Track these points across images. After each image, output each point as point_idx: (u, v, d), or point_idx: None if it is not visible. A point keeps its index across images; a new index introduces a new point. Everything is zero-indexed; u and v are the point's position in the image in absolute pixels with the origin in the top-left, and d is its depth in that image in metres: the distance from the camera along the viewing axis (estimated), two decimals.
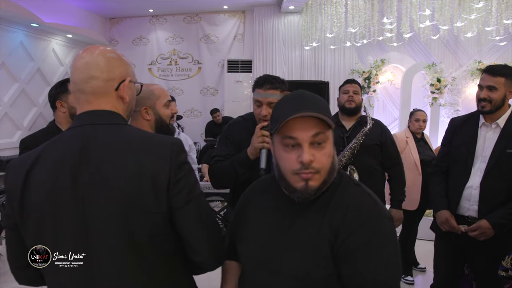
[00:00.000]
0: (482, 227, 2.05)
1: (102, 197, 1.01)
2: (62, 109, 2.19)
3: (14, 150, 6.00)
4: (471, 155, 2.17)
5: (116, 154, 1.03)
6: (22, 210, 1.04)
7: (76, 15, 7.06)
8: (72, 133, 1.07)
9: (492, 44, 6.23)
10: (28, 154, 1.09)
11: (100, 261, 1.03)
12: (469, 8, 5.45)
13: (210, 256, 1.10)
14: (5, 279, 3.64)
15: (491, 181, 2.08)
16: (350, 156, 2.59)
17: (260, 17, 7.28)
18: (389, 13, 5.76)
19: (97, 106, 1.09)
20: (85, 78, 1.07)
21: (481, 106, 2.13)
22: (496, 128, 2.15)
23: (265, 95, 1.94)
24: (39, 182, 1.03)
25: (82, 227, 1.01)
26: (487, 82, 2.11)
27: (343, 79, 6.98)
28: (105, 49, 1.13)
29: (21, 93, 6.36)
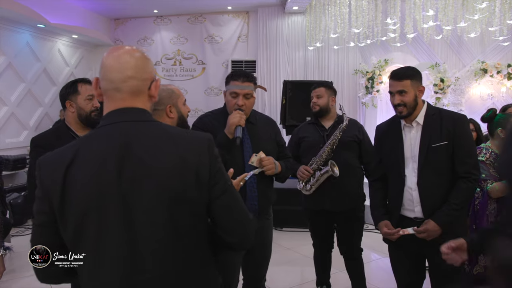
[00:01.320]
0: (429, 229, 2.08)
1: (147, 190, 1.07)
2: (71, 109, 2.24)
3: (20, 150, 6.07)
4: (402, 158, 2.21)
5: (158, 148, 1.10)
6: (63, 206, 1.06)
7: (81, 16, 7.12)
8: (111, 129, 1.11)
9: (496, 44, 6.23)
10: (61, 151, 1.12)
11: (144, 252, 1.07)
12: (472, 8, 5.46)
13: (243, 238, 1.23)
14: (14, 276, 3.69)
15: (426, 178, 2.13)
16: (329, 152, 2.80)
17: (264, 17, 7.32)
18: (393, 13, 5.78)
19: (131, 104, 1.14)
20: (123, 77, 1.12)
21: (398, 112, 2.18)
22: (417, 126, 2.20)
23: (242, 87, 2.16)
24: (82, 177, 1.06)
25: (127, 220, 1.06)
26: (396, 87, 2.17)
27: (347, 79, 7.12)
28: (136, 49, 1.19)
29: (28, 93, 6.43)
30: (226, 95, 2.25)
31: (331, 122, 2.93)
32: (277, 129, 2.47)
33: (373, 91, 6.48)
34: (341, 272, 3.14)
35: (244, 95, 2.17)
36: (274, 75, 7.24)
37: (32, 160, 2.22)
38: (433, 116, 2.18)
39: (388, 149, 2.30)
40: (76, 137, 2.25)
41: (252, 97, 2.23)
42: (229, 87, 2.22)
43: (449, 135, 2.12)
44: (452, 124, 2.14)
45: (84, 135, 1.16)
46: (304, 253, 4.08)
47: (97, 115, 2.27)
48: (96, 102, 2.26)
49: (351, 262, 2.98)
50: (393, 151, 2.25)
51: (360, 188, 2.93)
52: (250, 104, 2.22)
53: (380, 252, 4.23)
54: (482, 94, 6.28)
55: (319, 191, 2.83)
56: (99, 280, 1.08)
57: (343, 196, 2.82)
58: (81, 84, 2.23)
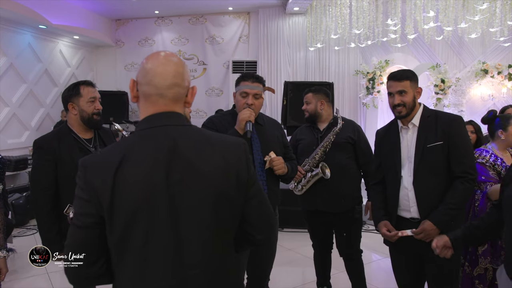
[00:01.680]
0: (426, 229, 2.09)
1: (194, 190, 1.12)
2: (74, 111, 2.25)
3: (22, 150, 6.09)
4: (398, 159, 2.24)
5: (202, 151, 1.16)
6: (112, 207, 1.07)
7: (82, 16, 7.14)
8: (158, 132, 1.15)
9: (496, 45, 6.23)
10: (107, 152, 1.16)
11: (189, 250, 1.11)
12: (473, 9, 5.47)
13: (271, 234, 1.32)
14: (16, 276, 3.71)
15: (421, 179, 2.15)
16: (322, 154, 2.85)
17: (264, 18, 7.33)
18: (393, 14, 5.79)
19: (171, 109, 1.18)
20: (169, 85, 1.17)
21: (397, 112, 2.21)
22: (413, 127, 2.23)
23: (252, 87, 2.27)
24: (133, 178, 1.08)
25: (174, 219, 1.10)
26: (396, 87, 2.20)
27: (348, 80, 7.13)
28: (177, 56, 1.24)
29: (29, 94, 6.45)
30: (236, 95, 2.33)
31: (326, 124, 2.96)
32: (282, 131, 2.54)
33: (374, 91, 6.48)
34: (342, 272, 3.15)
35: (254, 95, 2.27)
36: (275, 75, 7.25)
37: (34, 162, 2.24)
38: (429, 118, 2.21)
39: (386, 151, 2.34)
40: (78, 139, 2.26)
41: (261, 97, 2.32)
42: (239, 87, 2.31)
43: (444, 136, 2.13)
44: (447, 124, 2.16)
45: (130, 137, 1.19)
46: (305, 253, 4.09)
47: (99, 117, 2.29)
48: (98, 105, 2.27)
49: (350, 263, 2.99)
50: (391, 152, 2.28)
51: (355, 190, 2.93)
52: (259, 104, 2.31)
53: (381, 253, 4.23)
54: (483, 94, 6.28)
55: (311, 192, 2.88)
56: (144, 280, 1.10)
57: (335, 197, 2.83)
58: (83, 86, 2.24)
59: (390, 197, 2.30)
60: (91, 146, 2.29)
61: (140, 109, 1.21)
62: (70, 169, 2.16)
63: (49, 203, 2.15)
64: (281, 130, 2.53)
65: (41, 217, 2.17)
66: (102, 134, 2.39)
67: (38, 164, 2.19)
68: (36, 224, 2.26)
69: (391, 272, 2.44)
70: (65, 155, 2.17)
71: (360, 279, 2.97)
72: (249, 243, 1.31)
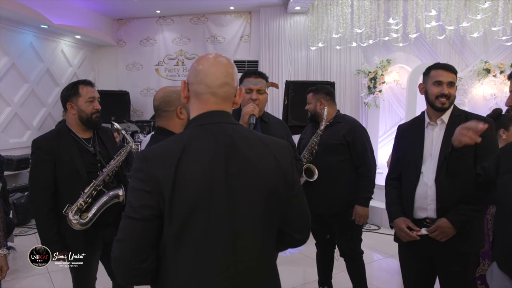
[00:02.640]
0: (442, 226, 2.01)
1: (250, 186, 1.17)
2: (72, 111, 2.24)
3: (23, 150, 6.10)
4: (420, 155, 2.16)
5: (257, 149, 1.22)
6: (173, 199, 1.10)
7: (84, 16, 7.15)
8: (215, 128, 1.20)
9: (499, 44, 6.21)
10: (168, 146, 1.18)
11: (243, 243, 1.16)
12: (475, 8, 5.45)
13: (308, 234, 1.36)
14: (17, 276, 3.72)
15: (445, 177, 2.06)
16: (309, 156, 2.85)
17: (266, 17, 7.32)
18: (395, 13, 5.78)
19: (222, 108, 1.24)
20: (221, 84, 1.23)
21: (441, 103, 2.12)
22: (441, 124, 2.17)
23: (255, 82, 2.31)
24: (194, 172, 1.12)
25: (230, 213, 1.14)
26: (448, 78, 2.13)
27: (349, 80, 7.12)
28: (226, 58, 1.29)
29: (31, 93, 6.46)
30: None
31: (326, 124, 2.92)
32: (288, 131, 2.53)
33: (376, 91, 6.47)
34: (343, 272, 3.13)
35: (257, 91, 2.30)
36: (277, 75, 7.24)
37: (33, 162, 2.23)
38: (459, 117, 2.14)
39: (407, 146, 2.26)
40: (77, 138, 2.25)
41: (265, 92, 2.35)
42: (243, 84, 2.33)
43: None
44: None
45: (189, 131, 1.21)
46: (307, 253, 4.09)
47: (98, 117, 2.28)
48: (97, 104, 2.26)
49: (351, 264, 2.97)
50: (412, 147, 2.21)
51: (349, 192, 2.82)
52: (263, 99, 2.34)
53: (382, 253, 4.23)
54: (485, 94, 6.26)
55: (306, 193, 2.86)
56: (200, 272, 1.13)
57: (325, 199, 2.81)
58: (82, 86, 2.23)
59: (406, 193, 2.22)
60: (90, 145, 2.28)
61: (190, 108, 1.27)
62: (69, 169, 2.16)
63: (48, 203, 2.14)
64: (286, 130, 2.52)
65: (40, 217, 2.16)
66: (101, 134, 2.38)
67: (37, 164, 2.18)
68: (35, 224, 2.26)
69: (392, 272, 2.42)
70: (64, 155, 2.17)
71: (360, 280, 2.96)
72: (286, 243, 1.35)
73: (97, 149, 2.29)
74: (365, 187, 2.81)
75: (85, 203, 2.12)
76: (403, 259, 2.33)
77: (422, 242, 2.10)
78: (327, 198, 2.81)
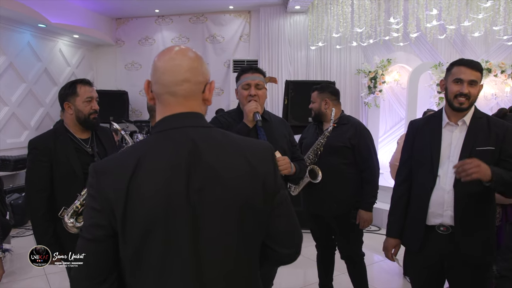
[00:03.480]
0: (480, 164, 1.77)
1: (216, 201, 1.01)
2: (69, 111, 2.20)
3: (21, 150, 6.05)
4: (436, 158, 2.02)
5: (227, 156, 1.04)
6: (125, 218, 0.97)
7: (82, 15, 7.10)
8: (175, 134, 1.04)
9: (500, 44, 6.18)
10: (121, 158, 1.05)
11: (210, 264, 1.01)
12: (476, 7, 5.42)
13: (296, 249, 1.16)
14: (14, 278, 3.67)
15: (464, 183, 1.86)
16: (313, 157, 2.78)
17: (265, 17, 7.28)
18: (396, 13, 5.74)
19: (189, 109, 1.08)
20: (179, 81, 1.06)
21: (459, 103, 1.97)
22: (462, 125, 2.02)
23: (253, 77, 2.23)
24: (149, 187, 0.98)
25: (195, 232, 0.99)
26: (469, 76, 1.96)
27: (349, 79, 7.09)
28: (191, 49, 1.12)
29: (29, 93, 6.41)
30: (239, 90, 2.28)
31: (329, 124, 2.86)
32: (290, 130, 2.46)
33: (376, 91, 6.44)
34: (344, 274, 3.10)
35: (256, 86, 2.22)
36: (276, 74, 7.20)
37: (29, 163, 2.18)
38: (481, 119, 2.01)
39: (422, 145, 2.11)
40: (75, 139, 2.21)
41: (264, 88, 2.27)
42: (241, 81, 2.27)
43: (497, 142, 1.94)
44: (502, 130, 1.96)
45: (146, 140, 1.08)
46: (307, 255, 4.03)
47: (95, 118, 2.23)
48: (95, 104, 2.22)
49: (352, 266, 2.94)
50: (428, 148, 2.06)
51: (352, 195, 2.79)
52: (262, 94, 2.25)
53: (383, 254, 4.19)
54: (486, 93, 6.22)
55: (307, 194, 2.88)
56: None
57: (327, 201, 2.77)
58: (80, 85, 2.19)
59: (418, 199, 2.09)
60: (88, 146, 2.24)
61: (156, 111, 1.11)
62: (66, 170, 2.12)
63: (44, 206, 2.10)
64: (288, 129, 2.45)
65: (36, 219, 2.11)
66: (99, 134, 2.33)
67: (33, 165, 2.14)
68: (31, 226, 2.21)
69: (393, 273, 2.38)
70: (61, 156, 2.12)
71: (362, 282, 2.93)
72: (270, 259, 1.16)
73: (95, 149, 2.24)
74: (370, 192, 2.77)
75: (82, 205, 2.06)
76: (413, 265, 2.22)
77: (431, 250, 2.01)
78: (329, 200, 2.77)
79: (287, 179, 2.30)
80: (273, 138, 2.21)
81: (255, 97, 2.20)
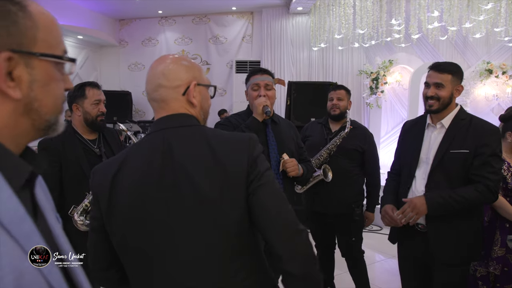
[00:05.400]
0: (414, 201, 1.94)
1: (187, 197, 1.05)
2: (78, 113, 2.25)
3: None
4: (416, 158, 2.09)
5: (196, 155, 1.07)
6: (110, 212, 1.08)
7: (86, 16, 7.15)
8: (154, 137, 1.12)
9: (501, 45, 6.20)
10: (113, 159, 1.16)
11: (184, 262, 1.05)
12: (477, 9, 5.45)
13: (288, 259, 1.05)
14: None
15: (435, 184, 1.99)
16: (326, 156, 2.84)
17: (268, 18, 7.32)
18: (397, 14, 5.78)
19: (172, 111, 1.14)
20: (154, 87, 1.14)
21: (428, 105, 2.05)
22: (441, 128, 2.07)
23: (262, 78, 2.26)
24: (126, 184, 1.08)
25: (168, 226, 1.05)
26: (434, 79, 2.03)
27: (351, 80, 7.13)
28: (174, 57, 1.17)
29: None
30: (248, 91, 2.30)
31: (339, 125, 2.93)
32: (297, 132, 2.50)
33: (378, 91, 6.48)
34: (345, 273, 3.14)
35: (265, 86, 2.25)
36: (279, 75, 7.24)
37: None
38: (462, 121, 2.02)
39: (407, 146, 2.21)
40: (83, 140, 2.26)
41: (273, 88, 2.29)
42: (250, 82, 2.30)
43: (472, 145, 1.94)
44: (481, 131, 1.97)
45: (133, 143, 1.21)
46: None
47: (102, 120, 2.28)
48: (103, 107, 2.27)
49: (353, 264, 2.99)
50: (411, 148, 2.15)
51: (357, 194, 2.92)
52: (271, 94, 2.27)
53: (384, 254, 4.23)
54: (487, 94, 6.26)
55: (312, 192, 2.91)
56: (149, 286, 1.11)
57: (335, 201, 2.84)
58: (89, 88, 2.23)
59: (401, 197, 2.16)
60: (96, 147, 2.29)
61: None
62: (74, 170, 2.16)
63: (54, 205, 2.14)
64: (295, 131, 2.48)
65: None
66: (106, 135, 2.38)
67: None
68: None
69: (394, 272, 2.43)
70: (70, 156, 2.17)
71: (362, 278, 2.97)
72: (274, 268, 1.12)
73: (102, 150, 2.29)
74: (376, 196, 2.94)
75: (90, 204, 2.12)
76: (400, 260, 2.33)
77: (416, 245, 2.09)
78: (336, 199, 2.84)
79: (295, 180, 2.34)
80: (282, 140, 2.26)
81: (264, 97, 2.23)
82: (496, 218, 2.49)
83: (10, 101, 0.62)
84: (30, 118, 0.66)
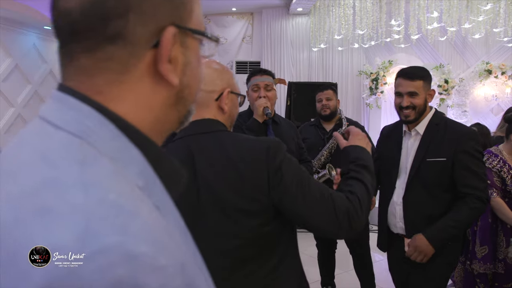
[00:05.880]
0: (419, 246, 1.83)
1: (209, 204, 1.07)
2: None
3: None
4: (396, 168, 2.00)
5: (215, 162, 1.09)
6: None
7: None
8: (178, 144, 1.14)
9: (500, 45, 6.22)
10: None
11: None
12: (477, 10, 5.47)
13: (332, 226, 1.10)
14: None
15: (413, 194, 1.90)
16: (328, 156, 2.86)
17: (268, 19, 7.34)
18: (397, 15, 5.79)
19: (200, 116, 1.15)
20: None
21: (404, 116, 1.93)
22: (416, 135, 1.97)
23: (262, 79, 2.28)
24: None
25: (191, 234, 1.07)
26: (407, 88, 1.89)
27: (351, 81, 7.14)
28: (209, 61, 1.19)
29: (34, 95, 6.47)
30: (249, 92, 2.32)
31: (333, 125, 2.96)
32: (297, 132, 2.52)
33: (377, 92, 6.49)
34: (346, 272, 3.15)
35: (265, 87, 2.26)
36: (279, 76, 7.25)
37: None
38: (437, 126, 1.92)
39: (387, 155, 2.11)
40: None
41: (273, 89, 2.31)
42: (250, 83, 2.32)
43: (449, 152, 1.85)
44: (457, 136, 1.87)
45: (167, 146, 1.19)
46: (309, 253, 4.10)
47: None
48: None
49: (360, 260, 3.01)
50: (391, 158, 2.06)
51: None
52: (272, 95, 2.28)
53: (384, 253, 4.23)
54: (486, 95, 6.28)
55: None
56: None
57: None
58: None
59: (381, 207, 2.12)
60: None
61: None
62: None
63: None
64: (296, 131, 2.51)
65: None
66: None
67: None
68: None
69: None
70: None
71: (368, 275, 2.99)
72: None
73: None
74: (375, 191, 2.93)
75: None
76: (388, 258, 2.33)
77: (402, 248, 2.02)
78: None
79: None
80: (282, 140, 2.26)
81: (264, 98, 2.25)
82: (497, 219, 2.51)
83: (164, 88, 0.50)
84: (177, 109, 0.54)
